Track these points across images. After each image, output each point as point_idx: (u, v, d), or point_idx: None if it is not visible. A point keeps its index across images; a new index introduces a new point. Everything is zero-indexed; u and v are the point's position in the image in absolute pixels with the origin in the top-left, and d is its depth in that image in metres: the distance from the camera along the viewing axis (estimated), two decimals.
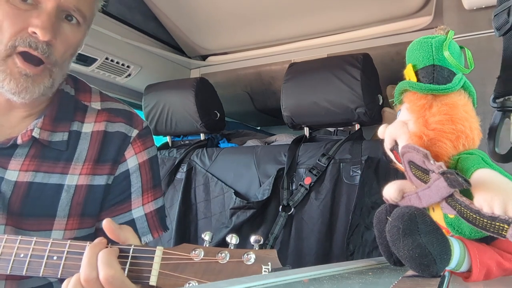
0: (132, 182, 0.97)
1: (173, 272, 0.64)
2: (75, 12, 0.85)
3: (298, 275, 0.53)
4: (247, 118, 2.87)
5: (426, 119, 0.57)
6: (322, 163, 1.48)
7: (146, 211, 0.97)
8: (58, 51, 0.85)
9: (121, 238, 0.71)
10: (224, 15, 1.99)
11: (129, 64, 2.02)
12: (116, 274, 0.64)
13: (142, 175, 0.98)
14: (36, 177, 0.87)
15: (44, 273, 0.71)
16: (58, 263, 0.70)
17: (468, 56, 0.61)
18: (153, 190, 1.00)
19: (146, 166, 0.99)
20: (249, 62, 2.25)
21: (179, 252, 0.65)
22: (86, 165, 0.92)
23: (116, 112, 0.99)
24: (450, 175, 0.48)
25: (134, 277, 0.65)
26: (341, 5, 1.84)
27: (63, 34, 0.85)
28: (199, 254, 0.64)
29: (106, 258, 0.65)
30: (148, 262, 0.65)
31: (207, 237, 0.67)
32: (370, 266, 0.63)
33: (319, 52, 2.04)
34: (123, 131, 0.97)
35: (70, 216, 0.90)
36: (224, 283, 0.49)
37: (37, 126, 0.88)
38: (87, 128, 0.95)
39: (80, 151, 0.92)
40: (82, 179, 0.91)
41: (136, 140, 0.98)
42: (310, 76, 1.58)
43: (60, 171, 0.90)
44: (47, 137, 0.89)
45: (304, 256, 1.43)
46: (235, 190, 1.65)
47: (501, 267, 0.52)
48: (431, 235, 0.49)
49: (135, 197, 0.97)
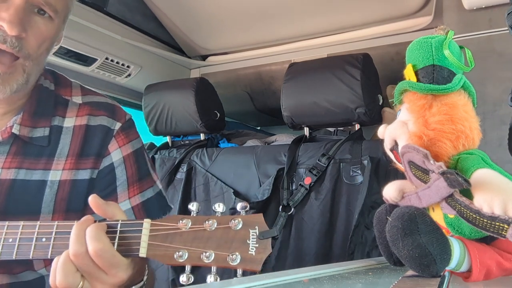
0: (117, 175, 0.96)
1: (162, 242, 0.65)
2: (45, 6, 0.83)
3: (298, 275, 0.53)
4: (247, 118, 2.87)
5: (426, 119, 0.57)
6: (322, 163, 1.48)
7: (133, 204, 0.97)
8: (31, 45, 0.83)
9: (108, 213, 0.71)
10: (224, 15, 1.99)
11: (129, 64, 2.02)
12: (105, 247, 0.64)
13: (127, 168, 0.97)
14: (18, 174, 0.87)
15: (34, 255, 0.71)
16: (47, 244, 0.71)
17: (468, 55, 0.61)
18: (138, 183, 0.99)
19: (131, 159, 0.98)
20: (249, 62, 2.25)
21: (166, 223, 0.66)
22: (69, 160, 0.91)
23: (98, 106, 0.98)
24: (450, 175, 0.48)
25: (124, 251, 0.66)
26: (341, 5, 1.84)
27: (35, 28, 0.84)
28: (186, 224, 0.65)
29: (94, 233, 0.65)
30: (136, 235, 0.66)
31: (218, 208, 0.67)
32: (370, 266, 0.63)
33: (319, 52, 2.04)
34: (105, 124, 0.96)
35: (55, 212, 0.89)
36: (224, 283, 0.49)
37: (16, 123, 0.87)
38: (68, 122, 0.94)
39: (62, 146, 0.91)
40: (66, 174, 0.90)
41: (120, 133, 0.97)
42: (310, 76, 1.58)
43: (43, 167, 0.89)
44: (27, 133, 0.88)
45: (304, 256, 1.43)
46: (235, 190, 1.64)
47: (501, 267, 0.52)
48: (431, 235, 0.49)
49: (121, 191, 0.96)
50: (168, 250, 0.64)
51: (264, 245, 0.62)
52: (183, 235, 0.64)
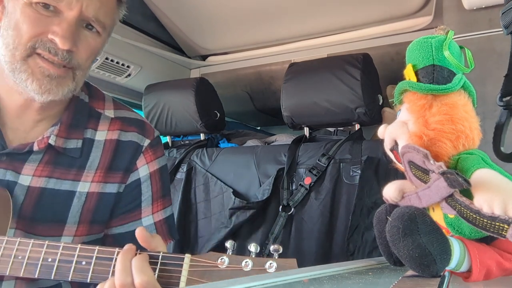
0: (142, 191, 0.98)
1: (200, 278, 0.67)
2: (95, 22, 0.86)
3: (298, 275, 0.53)
4: (247, 118, 2.87)
5: (426, 119, 0.57)
6: (322, 163, 1.48)
7: (156, 220, 0.99)
8: (81, 57, 0.86)
9: (152, 246, 0.73)
10: (224, 15, 1.99)
11: (129, 64, 2.02)
12: (150, 279, 0.66)
13: (152, 184, 0.99)
14: (48, 183, 0.88)
15: (73, 277, 0.73)
16: (87, 268, 0.72)
17: (468, 56, 0.61)
18: (162, 199, 1.01)
19: (157, 175, 1.00)
20: (249, 62, 2.25)
21: (206, 260, 0.68)
22: (98, 172, 0.93)
23: (129, 121, 1.00)
24: (450, 175, 0.48)
25: (164, 283, 0.68)
26: (341, 5, 1.84)
27: (84, 41, 0.86)
28: (224, 262, 0.68)
29: (140, 265, 0.67)
30: (177, 269, 0.68)
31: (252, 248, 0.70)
32: (370, 266, 0.63)
33: (319, 52, 2.04)
34: (135, 140, 0.98)
35: (80, 222, 0.91)
36: (224, 283, 0.49)
37: (53, 134, 0.89)
38: (100, 136, 0.96)
39: (93, 158, 0.93)
40: (94, 187, 0.92)
41: (148, 150, 0.99)
42: (310, 76, 1.58)
43: (73, 178, 0.91)
44: (61, 144, 0.90)
45: (304, 256, 1.43)
46: (234, 190, 1.64)
47: (501, 267, 0.52)
48: (431, 235, 0.49)
49: (145, 206, 0.98)
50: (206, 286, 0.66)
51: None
52: (220, 273, 0.67)
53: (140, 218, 0.97)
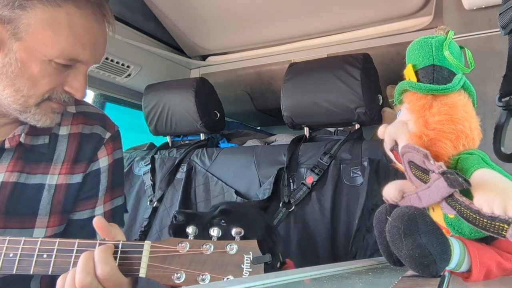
0: (101, 180, 1.04)
1: (161, 264, 0.68)
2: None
3: (298, 275, 0.53)
4: (247, 118, 2.86)
5: (426, 119, 0.57)
6: (324, 162, 1.48)
7: (105, 210, 1.05)
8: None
9: (111, 234, 0.75)
10: (224, 15, 1.99)
11: (129, 64, 2.02)
12: (112, 270, 0.68)
13: (109, 175, 1.05)
14: (20, 177, 0.93)
15: (34, 271, 0.73)
16: (48, 261, 0.73)
17: (468, 56, 0.61)
18: (111, 191, 1.07)
19: (113, 167, 1.07)
20: (249, 62, 2.25)
21: (166, 245, 0.69)
22: (65, 165, 0.99)
23: (91, 116, 1.07)
24: (450, 175, 0.48)
25: (125, 271, 0.69)
26: (341, 5, 1.84)
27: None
28: (185, 247, 0.69)
29: (103, 256, 0.69)
30: (137, 256, 0.70)
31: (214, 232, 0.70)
32: (370, 266, 0.63)
33: (319, 52, 2.04)
34: (98, 133, 1.05)
35: (52, 214, 0.96)
36: (224, 283, 0.49)
37: (24, 132, 0.95)
38: (64, 130, 1.02)
39: (59, 152, 0.99)
40: (62, 179, 0.98)
41: (109, 142, 1.06)
42: (310, 76, 1.58)
43: (42, 171, 0.96)
44: (30, 141, 0.96)
45: (304, 256, 1.43)
46: (236, 190, 1.64)
47: (501, 267, 0.52)
48: (431, 235, 0.49)
49: (101, 195, 1.04)
50: (166, 271, 0.68)
51: (257, 270, 0.65)
52: (181, 258, 0.68)
53: (94, 207, 1.03)
